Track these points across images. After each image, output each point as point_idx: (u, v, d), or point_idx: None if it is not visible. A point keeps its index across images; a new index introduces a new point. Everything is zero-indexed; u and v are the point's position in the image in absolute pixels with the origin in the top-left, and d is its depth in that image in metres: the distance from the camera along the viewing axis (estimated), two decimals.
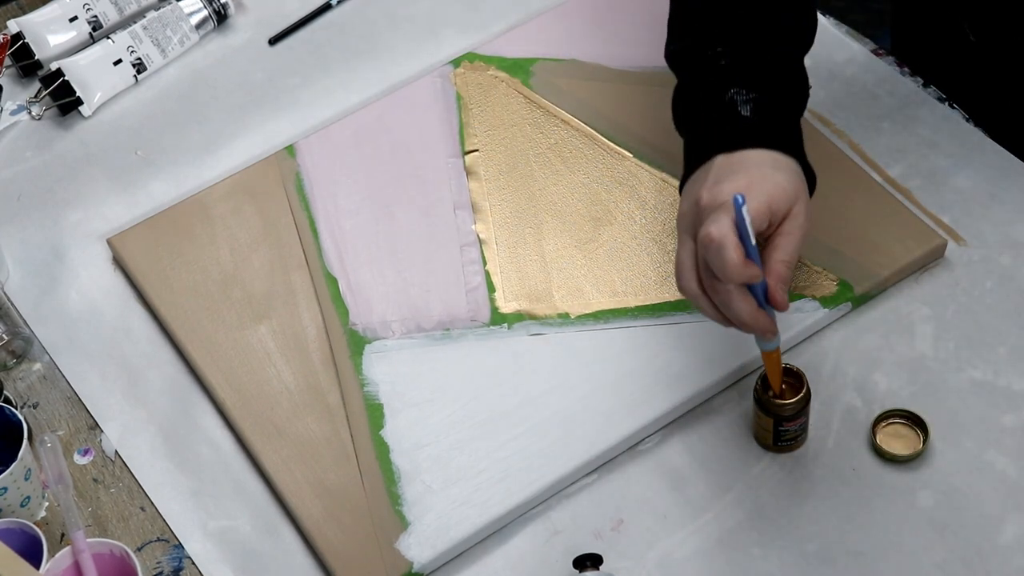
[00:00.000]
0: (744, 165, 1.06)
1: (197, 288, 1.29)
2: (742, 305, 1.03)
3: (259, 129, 1.42)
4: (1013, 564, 1.10)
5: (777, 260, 1.04)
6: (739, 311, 1.04)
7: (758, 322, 1.04)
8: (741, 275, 1.01)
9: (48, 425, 1.25)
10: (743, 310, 1.03)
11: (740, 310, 1.03)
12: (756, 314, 1.04)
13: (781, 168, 1.06)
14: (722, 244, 1.00)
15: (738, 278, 1.01)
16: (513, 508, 1.15)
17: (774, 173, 1.05)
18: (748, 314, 1.04)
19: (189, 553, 1.17)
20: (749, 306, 1.04)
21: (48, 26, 1.48)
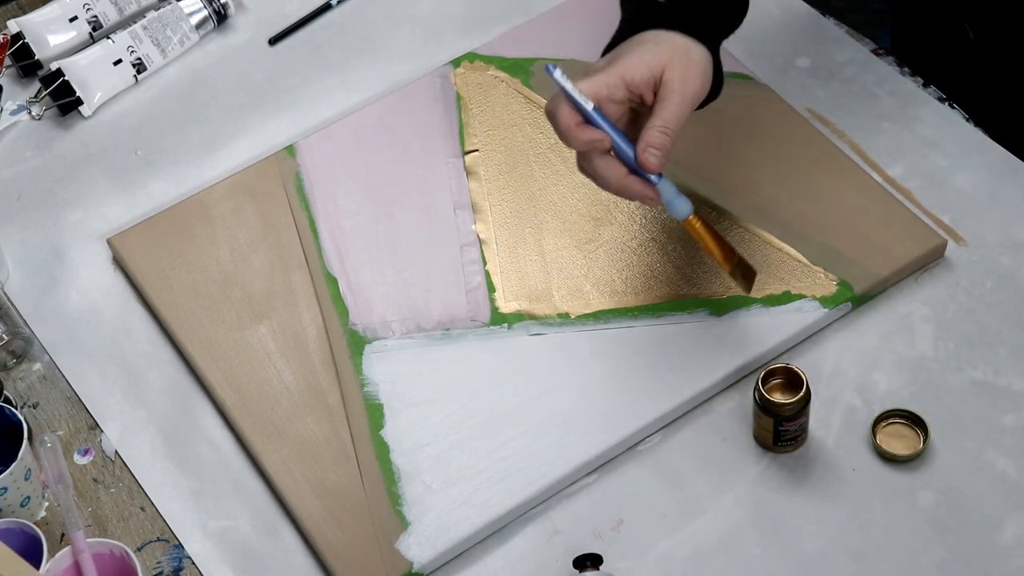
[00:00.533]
0: (620, 46, 1.12)
1: (197, 288, 1.29)
2: (607, 172, 1.09)
3: (259, 129, 1.42)
4: (1013, 564, 1.10)
5: (650, 126, 1.08)
6: (605, 178, 1.09)
7: (628, 187, 1.09)
8: (579, 138, 1.07)
9: (48, 425, 1.25)
10: (609, 176, 1.09)
11: (605, 177, 1.09)
12: (625, 179, 1.09)
13: (650, 42, 1.10)
14: (553, 113, 1.08)
15: (577, 142, 1.07)
16: (513, 508, 1.15)
17: (640, 47, 1.10)
18: (616, 180, 1.09)
19: (189, 553, 1.17)
20: (615, 172, 1.08)
21: (48, 26, 1.48)
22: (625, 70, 1.09)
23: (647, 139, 1.08)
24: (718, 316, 1.23)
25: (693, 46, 1.11)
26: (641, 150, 1.08)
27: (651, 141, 1.08)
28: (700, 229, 1.13)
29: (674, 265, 1.26)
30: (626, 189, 1.09)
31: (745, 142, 1.33)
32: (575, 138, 1.07)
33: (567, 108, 1.07)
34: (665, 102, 1.09)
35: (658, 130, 1.08)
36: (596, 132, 1.08)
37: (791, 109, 1.35)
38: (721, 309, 1.23)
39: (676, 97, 1.09)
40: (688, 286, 1.25)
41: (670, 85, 1.09)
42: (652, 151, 1.08)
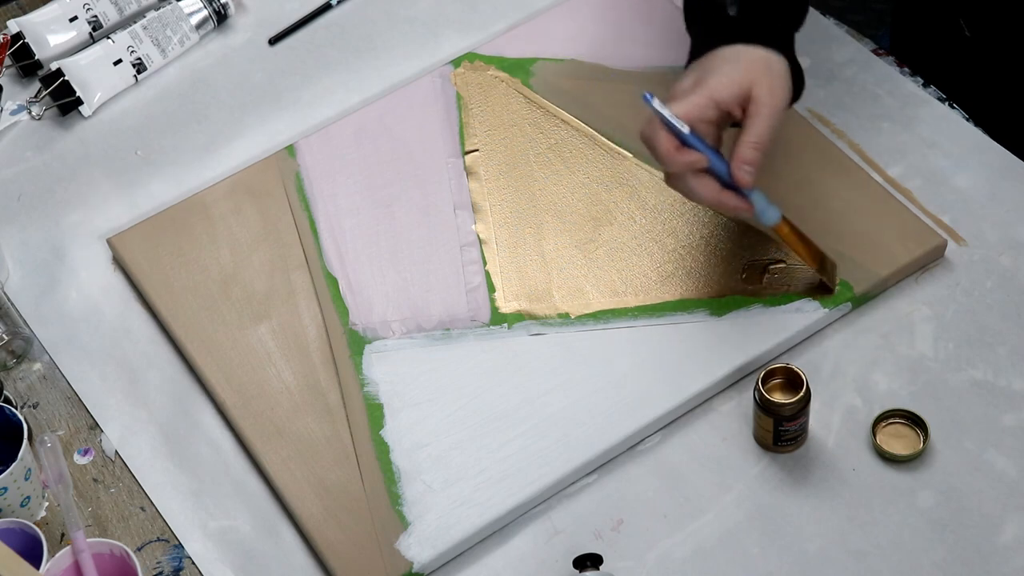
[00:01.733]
0: (700, 64, 1.16)
1: (197, 288, 1.29)
2: (702, 189, 1.13)
3: (259, 129, 1.42)
4: (1013, 564, 1.10)
5: (742, 142, 1.12)
6: (700, 195, 1.13)
7: (724, 201, 1.14)
8: (678, 163, 1.12)
9: (48, 425, 1.25)
10: (704, 193, 1.13)
11: (701, 194, 1.13)
12: (720, 195, 1.13)
13: (732, 61, 1.14)
14: (651, 139, 1.12)
15: (675, 166, 1.12)
16: (513, 508, 1.15)
17: (724, 65, 1.14)
18: (711, 196, 1.13)
19: (189, 553, 1.17)
20: (710, 189, 1.13)
21: (48, 26, 1.48)
22: (714, 91, 1.12)
23: (741, 156, 1.12)
24: (718, 316, 1.23)
25: (773, 58, 1.15)
26: (736, 167, 1.12)
27: (745, 158, 1.12)
28: (788, 234, 1.18)
29: (674, 265, 1.26)
30: (722, 204, 1.14)
31: None
32: (675, 162, 1.12)
33: (665, 133, 1.11)
34: (756, 118, 1.13)
35: (751, 146, 1.12)
36: (694, 155, 1.12)
37: (791, 109, 1.35)
38: (721, 309, 1.23)
39: (766, 111, 1.13)
40: (688, 286, 1.25)
41: (760, 100, 1.13)
42: (746, 168, 1.12)
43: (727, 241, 1.27)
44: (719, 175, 1.13)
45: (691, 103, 1.12)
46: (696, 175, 1.13)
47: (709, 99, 1.12)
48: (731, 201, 1.14)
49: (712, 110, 1.12)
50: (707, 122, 1.13)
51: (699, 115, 1.12)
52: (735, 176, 1.12)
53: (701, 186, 1.13)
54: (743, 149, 1.12)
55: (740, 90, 1.13)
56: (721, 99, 1.13)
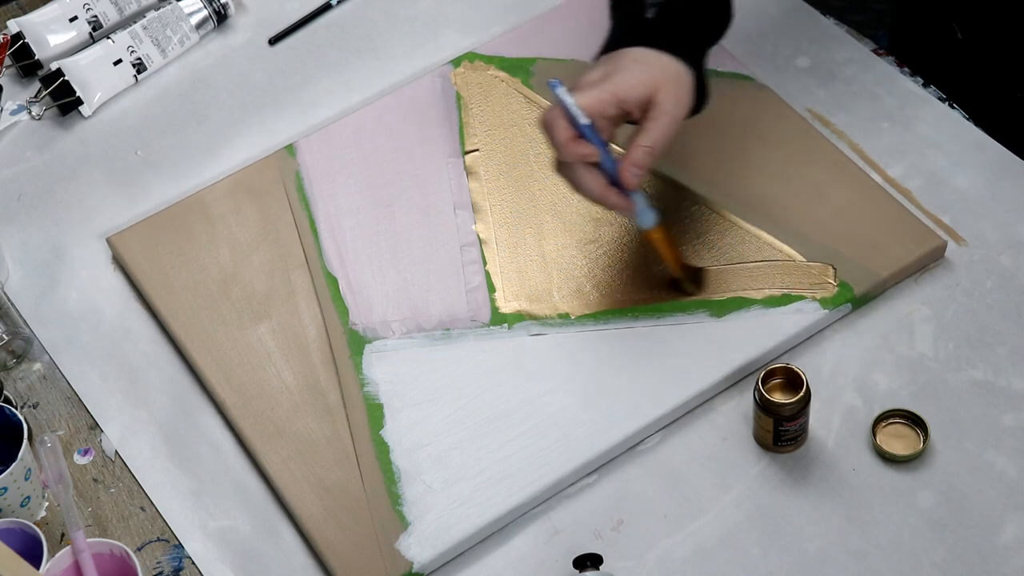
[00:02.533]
0: (610, 59, 1.16)
1: (197, 288, 1.29)
2: (588, 182, 1.14)
3: (259, 129, 1.42)
4: (1013, 564, 1.10)
5: (635, 143, 1.13)
6: (586, 188, 1.14)
7: (607, 198, 1.15)
8: (571, 152, 1.13)
9: (48, 425, 1.25)
10: (590, 187, 1.14)
11: (587, 187, 1.14)
12: (605, 191, 1.14)
13: (642, 62, 1.15)
14: (550, 125, 1.13)
15: (569, 155, 1.13)
16: (513, 508, 1.15)
17: (633, 65, 1.14)
18: (596, 191, 1.14)
19: (189, 553, 1.17)
20: (596, 184, 1.14)
21: (48, 26, 1.48)
22: (619, 88, 1.13)
23: (632, 158, 1.13)
24: (718, 316, 1.23)
25: (682, 68, 1.15)
26: (625, 168, 1.14)
27: (636, 160, 1.13)
28: (660, 240, 1.20)
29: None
30: (605, 199, 1.15)
31: (745, 142, 1.33)
32: (569, 152, 1.13)
33: (563, 122, 1.12)
34: (655, 123, 1.13)
35: (644, 151, 1.13)
36: (589, 147, 1.13)
37: (791, 109, 1.35)
38: (721, 309, 1.23)
39: (667, 119, 1.14)
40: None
41: (662, 107, 1.13)
42: (634, 170, 1.14)
43: (727, 241, 1.27)
44: (607, 171, 1.14)
45: (595, 97, 1.12)
46: (585, 168, 1.14)
47: (613, 96, 1.13)
48: (613, 199, 1.15)
49: (613, 107, 1.13)
50: (606, 118, 1.13)
51: (600, 110, 1.13)
52: (623, 177, 1.13)
53: (588, 179, 1.14)
54: (636, 152, 1.13)
55: (645, 93, 1.13)
56: (625, 98, 1.13)
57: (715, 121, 1.35)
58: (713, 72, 1.38)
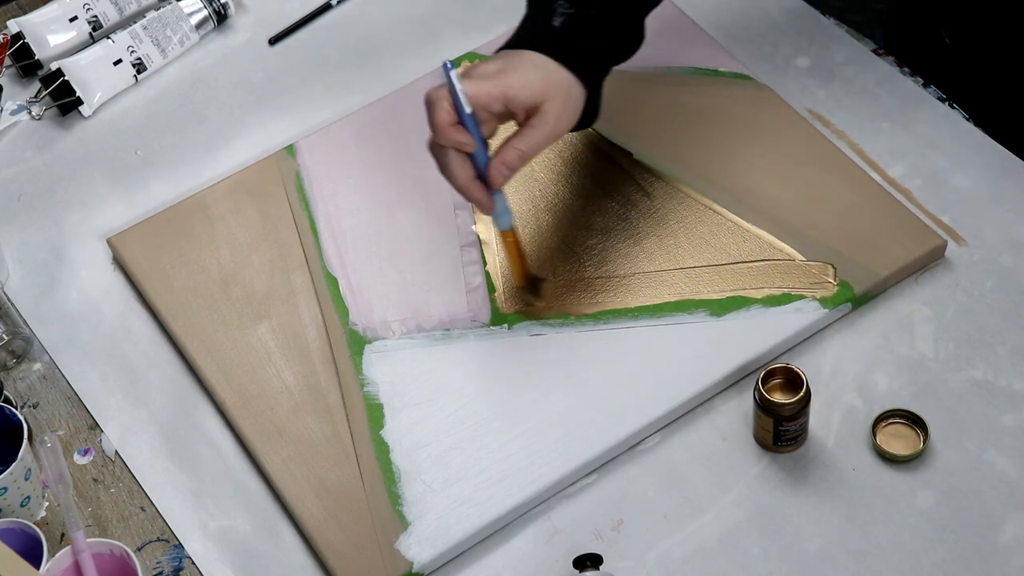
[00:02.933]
0: (512, 55, 1.16)
1: (197, 288, 1.29)
2: (457, 170, 1.14)
3: (259, 129, 1.42)
4: (1013, 564, 1.10)
5: (510, 144, 1.14)
6: (453, 174, 1.15)
7: (470, 190, 1.15)
8: (448, 137, 1.13)
9: (48, 425, 1.25)
10: (457, 175, 1.15)
11: (454, 174, 1.15)
12: (470, 183, 1.15)
13: (542, 68, 1.15)
14: (433, 104, 1.12)
15: (445, 139, 1.13)
16: (513, 508, 1.15)
17: (531, 70, 1.14)
18: (462, 180, 1.15)
19: (189, 553, 1.17)
20: (464, 173, 1.15)
21: (48, 26, 1.48)
22: (510, 88, 1.13)
23: (504, 157, 1.14)
24: (718, 316, 1.23)
25: (576, 86, 1.16)
26: (495, 166, 1.14)
27: (507, 160, 1.14)
28: (511, 244, 1.21)
29: (674, 266, 1.26)
30: (468, 191, 1.15)
31: (745, 142, 1.33)
32: (446, 136, 1.13)
33: (447, 105, 1.13)
34: (534, 130, 1.14)
35: (517, 153, 1.14)
36: (465, 136, 1.13)
37: (791, 109, 1.35)
38: (721, 309, 1.23)
39: (546, 130, 1.14)
40: (688, 286, 1.25)
41: (545, 117, 1.14)
42: (503, 169, 1.14)
43: (727, 241, 1.27)
44: (477, 164, 1.15)
45: (484, 89, 1.13)
46: (457, 155, 1.14)
47: (503, 94, 1.13)
48: (477, 192, 1.15)
49: (500, 104, 1.13)
50: (489, 112, 1.14)
51: (486, 103, 1.13)
52: (491, 173, 1.14)
53: (458, 167, 1.14)
54: (509, 153, 1.14)
55: (533, 100, 1.13)
56: (513, 99, 1.13)
57: (715, 121, 1.35)
58: (713, 72, 1.39)
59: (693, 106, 1.36)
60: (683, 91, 1.38)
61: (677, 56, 1.40)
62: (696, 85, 1.38)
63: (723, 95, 1.37)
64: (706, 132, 1.34)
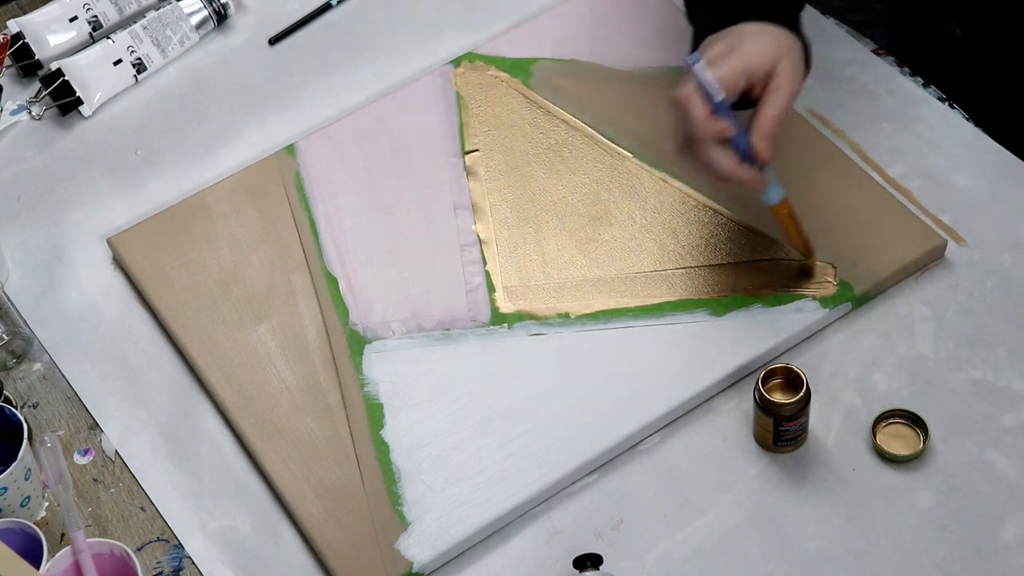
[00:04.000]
0: (726, 35, 1.16)
1: (197, 288, 1.29)
2: (722, 159, 1.14)
3: (259, 129, 1.42)
4: (1013, 564, 1.10)
5: (762, 115, 1.14)
6: (720, 165, 1.14)
7: (740, 174, 1.14)
8: (708, 129, 1.12)
9: (48, 425, 1.25)
10: (723, 164, 1.14)
11: (721, 164, 1.14)
12: (737, 168, 1.14)
13: (762, 34, 1.15)
14: (686, 103, 1.12)
15: (705, 132, 1.12)
16: (513, 508, 1.15)
17: (754, 38, 1.15)
18: (729, 168, 1.14)
19: (189, 553, 1.17)
20: (730, 160, 1.14)
21: (48, 26, 1.48)
22: (749, 61, 1.13)
23: (764, 130, 1.13)
24: (718, 316, 1.23)
25: (791, 38, 1.16)
26: (758, 140, 1.14)
27: (766, 131, 1.14)
28: (787, 216, 1.20)
29: (674, 265, 1.26)
30: (738, 175, 1.15)
31: None
32: (707, 128, 1.12)
33: (699, 98, 1.12)
34: (777, 93, 1.14)
35: (773, 120, 1.14)
36: (724, 123, 1.13)
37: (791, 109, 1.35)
38: (721, 309, 1.23)
39: (787, 90, 1.14)
40: (688, 286, 1.25)
41: (782, 78, 1.14)
42: (768, 141, 1.14)
43: (727, 241, 1.27)
44: (737, 147, 1.14)
45: (725, 71, 1.12)
46: (718, 145, 1.14)
47: (743, 68, 1.13)
48: (746, 173, 1.15)
49: (743, 79, 1.13)
50: (734, 92, 1.13)
51: (731, 84, 1.13)
52: (757, 148, 1.13)
53: (722, 156, 1.14)
54: (765, 123, 1.13)
55: (770, 63, 1.14)
56: (753, 70, 1.13)
57: None
58: None
59: None
60: None
61: (677, 56, 1.40)
62: None
63: None
64: None
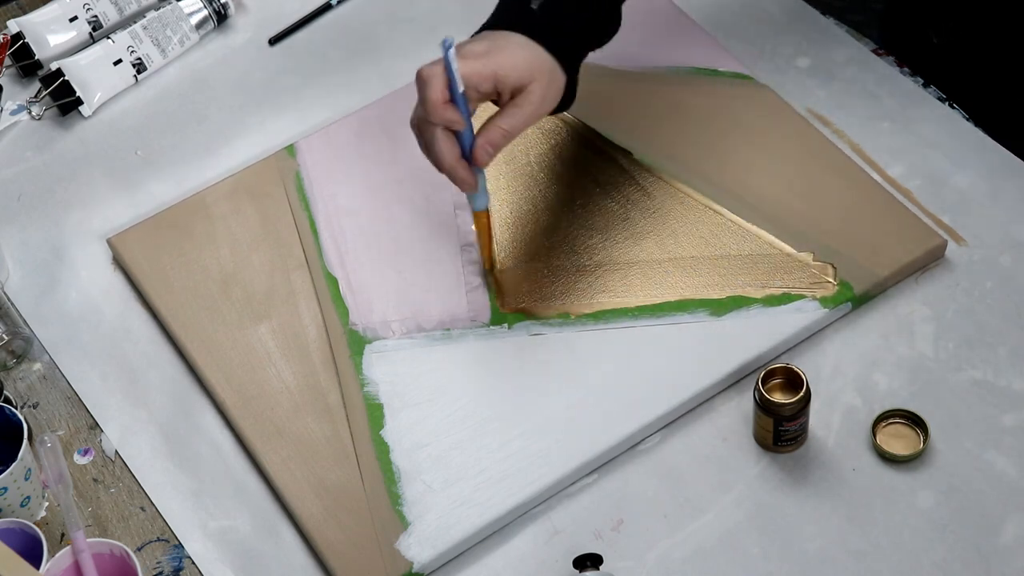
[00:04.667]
0: (497, 37, 1.17)
1: (197, 288, 1.29)
2: (444, 148, 1.15)
3: (259, 129, 1.42)
4: (1013, 564, 1.10)
5: (495, 124, 1.15)
6: (440, 153, 1.15)
7: (456, 170, 1.16)
8: (440, 115, 1.13)
9: (48, 425, 1.25)
10: (444, 153, 1.15)
11: (441, 152, 1.15)
12: (456, 163, 1.16)
13: (529, 50, 1.16)
14: (427, 81, 1.13)
15: (436, 116, 1.13)
16: (513, 508, 1.15)
17: (518, 51, 1.16)
18: (448, 159, 1.15)
19: (189, 553, 1.17)
20: (451, 152, 1.15)
21: (48, 26, 1.48)
22: (501, 68, 1.14)
23: (490, 137, 1.15)
24: (718, 316, 1.23)
25: (557, 69, 1.17)
26: (480, 145, 1.16)
27: (492, 139, 1.16)
28: (484, 225, 1.24)
29: (674, 265, 1.26)
30: (454, 170, 1.16)
31: (745, 142, 1.33)
32: (438, 114, 1.13)
33: (441, 83, 1.13)
34: (519, 110, 1.15)
35: (502, 133, 1.15)
36: (456, 114, 1.14)
37: (791, 109, 1.35)
38: (721, 309, 1.23)
39: (531, 110, 1.16)
40: (688, 286, 1.25)
41: (530, 98, 1.15)
42: (488, 149, 1.16)
43: (727, 241, 1.27)
44: (462, 143, 1.16)
45: (475, 69, 1.13)
46: (445, 133, 1.15)
47: (494, 73, 1.14)
48: (462, 171, 1.16)
49: (489, 84, 1.14)
50: (477, 92, 1.14)
51: (477, 83, 1.14)
52: (477, 153, 1.15)
53: (445, 146, 1.15)
54: (494, 132, 1.15)
55: (520, 81, 1.15)
56: (503, 79, 1.14)
57: (715, 121, 1.35)
58: (713, 72, 1.39)
59: (693, 106, 1.36)
60: (683, 91, 1.38)
61: (677, 56, 1.40)
62: (696, 85, 1.38)
63: (723, 95, 1.37)
64: (706, 132, 1.34)
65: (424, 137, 1.16)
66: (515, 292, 1.26)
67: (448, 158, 1.15)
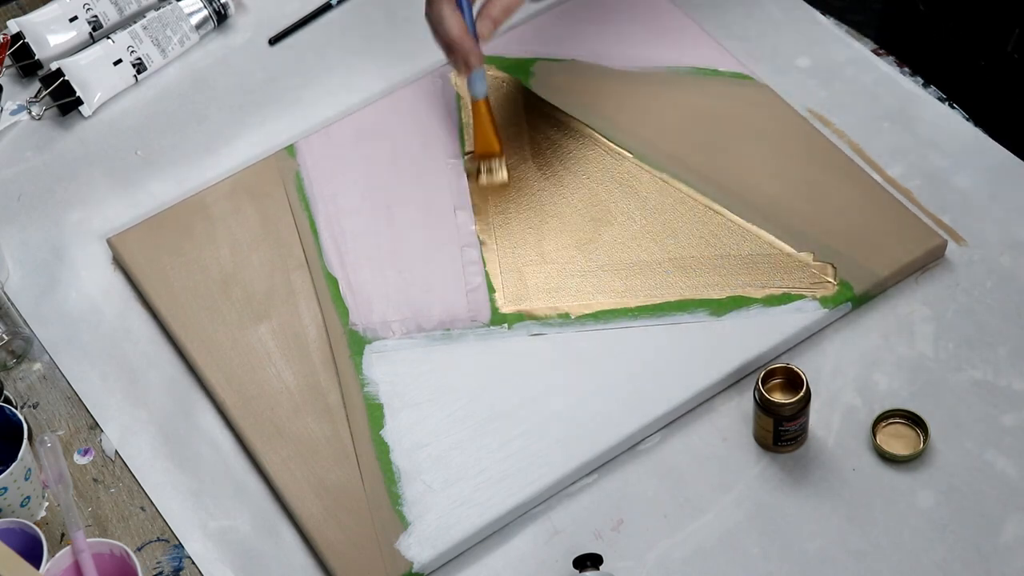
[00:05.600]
0: None
1: (197, 288, 1.29)
2: (452, 22, 1.23)
3: (259, 129, 1.42)
4: (1013, 564, 1.10)
5: (493, 3, 1.24)
6: (449, 26, 1.23)
7: (464, 40, 1.24)
8: None
9: (48, 425, 1.25)
10: (452, 27, 1.23)
11: (450, 26, 1.23)
12: (464, 34, 1.24)
13: None
14: None
15: None
16: (513, 508, 1.15)
17: None
18: (457, 31, 1.23)
19: (189, 553, 1.17)
20: (459, 24, 1.24)
21: (48, 26, 1.48)
22: None
23: (492, 11, 1.24)
24: (718, 316, 1.23)
25: None
26: (483, 18, 1.24)
27: (492, 14, 1.24)
28: (484, 114, 1.30)
29: (674, 265, 1.26)
30: (462, 42, 1.24)
31: (745, 142, 1.33)
32: None
33: None
34: None
35: (502, 8, 1.24)
36: None
37: (791, 109, 1.35)
38: (721, 309, 1.23)
39: None
40: (688, 286, 1.25)
41: None
42: (489, 24, 1.24)
43: (727, 241, 1.27)
44: (465, 16, 1.24)
45: None
46: (451, 8, 1.23)
47: None
48: (470, 43, 1.23)
49: None
50: None
51: None
52: (480, 25, 1.24)
53: (453, 19, 1.23)
54: (496, 6, 1.24)
55: None
56: None
57: (715, 121, 1.35)
58: (713, 72, 1.39)
59: (693, 106, 1.36)
60: (683, 91, 1.38)
61: (677, 56, 1.40)
62: (696, 85, 1.38)
63: (723, 95, 1.37)
64: (706, 132, 1.34)
65: (432, 15, 1.23)
66: (515, 292, 1.26)
67: (456, 30, 1.22)
